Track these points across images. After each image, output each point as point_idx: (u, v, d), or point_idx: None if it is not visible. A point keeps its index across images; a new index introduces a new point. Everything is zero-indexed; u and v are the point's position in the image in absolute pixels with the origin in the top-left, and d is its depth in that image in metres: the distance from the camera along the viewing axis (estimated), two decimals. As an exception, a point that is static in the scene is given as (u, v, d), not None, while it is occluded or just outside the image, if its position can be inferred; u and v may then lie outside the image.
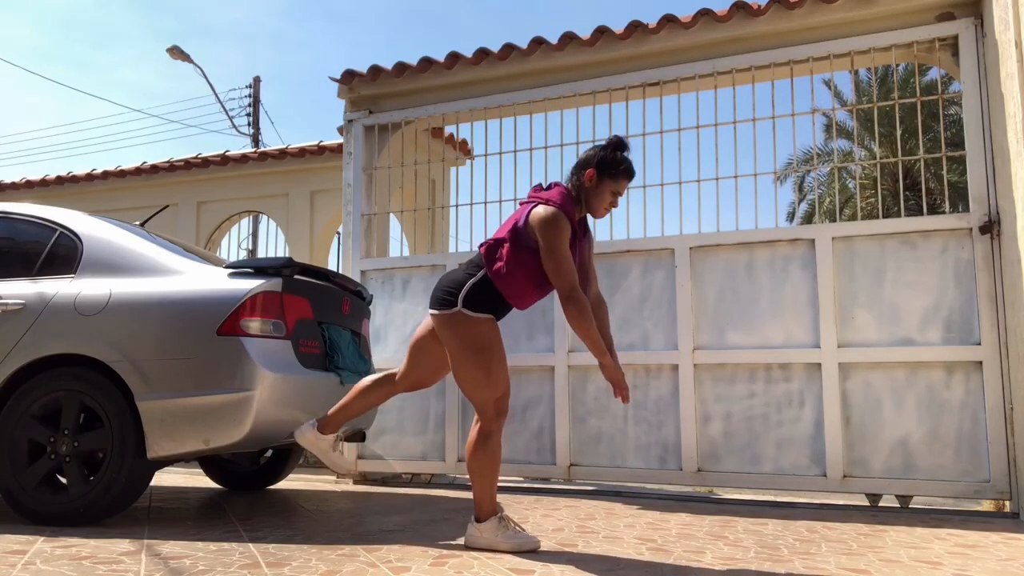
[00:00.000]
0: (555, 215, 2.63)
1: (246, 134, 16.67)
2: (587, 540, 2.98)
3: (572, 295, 2.60)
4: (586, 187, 2.74)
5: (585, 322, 2.60)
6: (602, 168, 2.72)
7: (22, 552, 2.54)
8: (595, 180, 2.73)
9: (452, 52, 5.14)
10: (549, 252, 2.62)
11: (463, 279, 2.73)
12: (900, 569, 2.53)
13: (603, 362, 2.70)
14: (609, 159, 2.73)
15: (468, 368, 2.69)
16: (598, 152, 2.76)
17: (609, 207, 2.78)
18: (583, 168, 2.76)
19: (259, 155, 7.18)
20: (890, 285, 4.14)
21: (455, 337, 2.69)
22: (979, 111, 4.04)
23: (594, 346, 2.65)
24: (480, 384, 2.68)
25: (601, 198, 2.75)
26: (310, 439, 2.94)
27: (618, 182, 2.74)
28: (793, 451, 4.21)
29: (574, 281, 2.62)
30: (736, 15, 4.54)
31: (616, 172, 2.73)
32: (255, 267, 3.38)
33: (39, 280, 3.44)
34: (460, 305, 2.67)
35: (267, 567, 2.40)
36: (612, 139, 2.79)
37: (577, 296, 2.60)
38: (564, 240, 2.62)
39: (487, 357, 2.67)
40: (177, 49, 14.94)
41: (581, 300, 2.61)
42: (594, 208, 2.77)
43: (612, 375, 2.71)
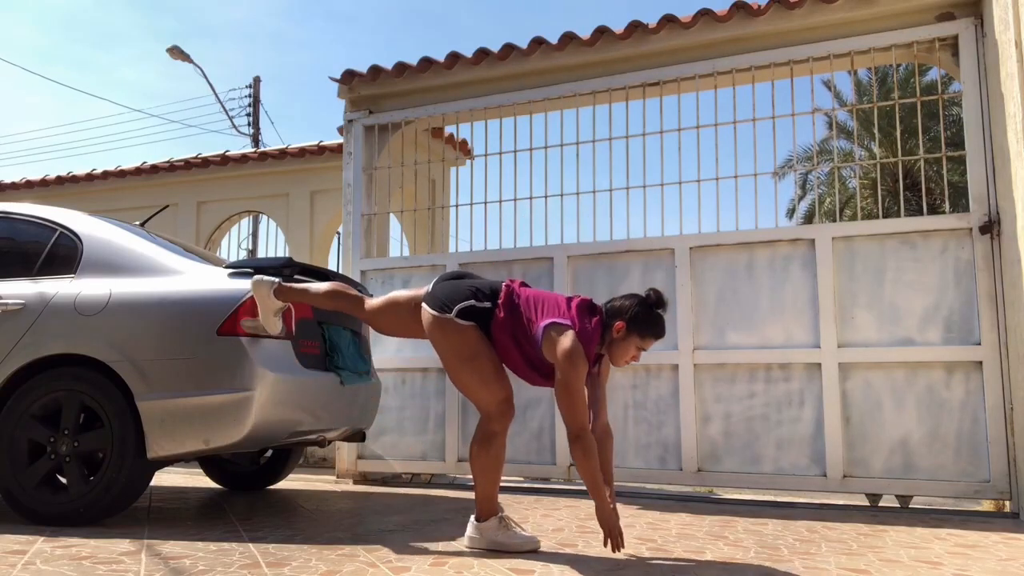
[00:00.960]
0: (575, 350, 2.52)
1: (246, 134, 16.68)
2: (587, 540, 2.98)
3: (581, 435, 2.52)
4: (613, 336, 2.66)
5: (589, 465, 2.51)
6: (633, 324, 2.64)
7: (22, 552, 2.54)
8: (623, 333, 2.64)
9: (452, 52, 5.14)
10: (564, 387, 2.53)
11: (468, 298, 2.68)
12: (900, 569, 2.53)
13: (599, 505, 2.57)
14: (643, 318, 2.64)
15: (462, 374, 2.70)
16: (634, 305, 2.66)
17: (631, 360, 2.71)
18: (614, 316, 2.66)
19: (259, 155, 7.18)
20: (890, 285, 4.13)
21: (444, 343, 2.68)
22: (979, 111, 4.04)
23: (594, 491, 2.54)
24: (477, 388, 2.69)
25: (625, 351, 2.67)
26: (262, 293, 3.06)
27: (645, 340, 2.66)
28: (793, 451, 4.21)
29: (584, 423, 2.54)
30: (736, 15, 4.54)
31: (646, 331, 2.65)
32: (255, 267, 3.37)
33: (39, 280, 3.43)
34: (453, 315, 2.66)
35: (267, 567, 2.40)
36: (651, 295, 2.69)
37: (585, 438, 2.52)
38: (580, 377, 2.54)
39: (479, 362, 2.67)
40: (177, 49, 14.94)
41: (588, 442, 2.52)
42: (615, 358, 2.70)
43: (606, 522, 2.58)
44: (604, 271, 4.71)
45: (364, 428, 4.06)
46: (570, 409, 2.53)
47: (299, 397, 3.35)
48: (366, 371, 4.01)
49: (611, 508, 2.60)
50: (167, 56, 15.22)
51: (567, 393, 2.53)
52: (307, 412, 3.41)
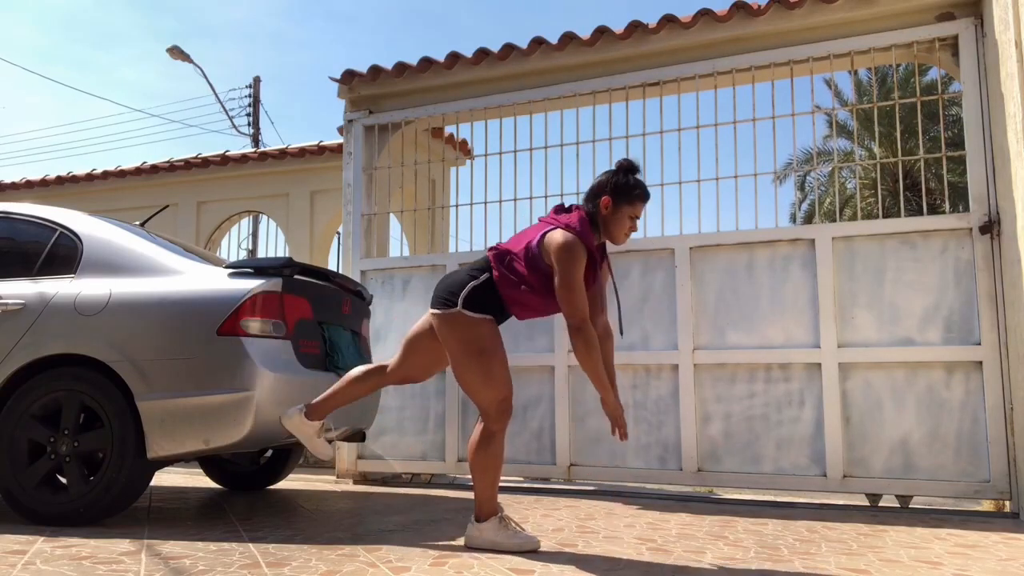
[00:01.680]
0: (572, 244, 2.58)
1: (246, 134, 16.68)
2: (587, 540, 2.98)
3: (582, 327, 2.57)
4: (603, 215, 2.70)
5: (591, 357, 2.58)
6: (617, 195, 2.68)
7: (22, 552, 2.54)
8: (611, 207, 2.69)
9: (452, 52, 5.14)
10: (562, 281, 2.58)
11: (465, 280, 2.71)
12: (900, 569, 2.53)
13: (604, 398, 2.68)
14: (623, 185, 2.69)
15: (469, 370, 2.68)
16: (610, 178, 2.71)
17: (629, 231, 2.75)
18: (597, 196, 2.71)
19: (259, 155, 7.18)
20: (890, 285, 4.13)
21: (455, 338, 2.68)
22: (979, 111, 4.04)
23: (597, 381, 2.63)
24: (482, 385, 2.68)
25: (620, 224, 2.72)
26: (295, 423, 2.94)
27: (635, 206, 2.71)
28: (793, 451, 4.21)
29: (585, 314, 2.58)
30: (736, 15, 4.54)
31: (631, 196, 2.69)
32: (255, 267, 3.38)
33: (39, 280, 3.43)
34: (460, 306, 2.66)
35: (267, 567, 2.40)
36: (622, 163, 2.74)
37: (586, 330, 2.57)
38: (579, 270, 2.58)
39: (488, 358, 2.67)
40: (177, 49, 14.94)
41: (590, 334, 2.57)
42: (614, 235, 2.73)
43: (612, 411, 2.69)
44: (604, 271, 4.70)
45: (364, 428, 4.07)
46: (569, 301, 2.58)
47: (299, 397, 3.34)
48: (366, 371, 4.00)
49: (616, 399, 2.69)
50: (167, 56, 15.22)
51: (565, 286, 2.57)
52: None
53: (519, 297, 2.70)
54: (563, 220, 2.68)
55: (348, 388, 2.92)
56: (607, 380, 2.65)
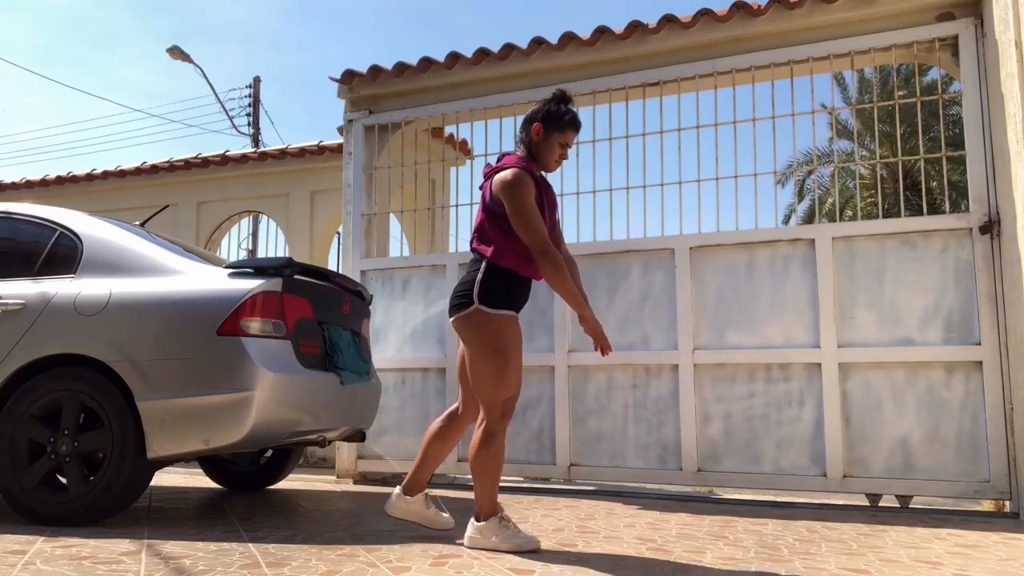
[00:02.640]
0: (516, 174, 2.68)
1: (246, 134, 16.68)
2: (587, 540, 2.98)
3: (545, 249, 2.63)
4: (535, 141, 2.78)
5: (560, 274, 2.64)
6: (548, 121, 2.77)
7: (22, 552, 2.54)
8: (542, 134, 2.77)
9: (452, 52, 5.14)
10: (516, 211, 2.65)
11: (471, 278, 2.74)
12: (900, 569, 2.53)
13: (582, 314, 2.73)
14: (554, 112, 2.77)
15: (483, 365, 2.69)
16: (543, 106, 2.80)
17: (560, 160, 2.82)
18: (529, 123, 2.80)
19: (259, 155, 7.18)
20: (890, 285, 4.13)
21: (475, 335, 2.70)
22: (979, 111, 4.04)
23: (571, 298, 2.69)
24: (493, 382, 2.68)
25: (551, 151, 2.80)
26: (402, 508, 2.93)
27: (565, 133, 2.79)
28: (793, 451, 4.21)
29: (545, 236, 2.65)
30: (736, 15, 4.54)
31: (562, 123, 2.78)
32: (255, 267, 3.38)
33: (39, 280, 3.44)
34: (477, 302, 2.68)
35: (267, 567, 2.40)
36: (555, 92, 2.82)
37: (550, 250, 2.63)
38: (529, 196, 2.66)
39: (504, 356, 2.68)
40: (177, 49, 14.94)
41: (554, 254, 2.64)
42: (545, 161, 2.81)
43: (592, 326, 2.74)
44: (604, 271, 4.71)
45: (364, 428, 4.07)
46: (527, 228, 2.64)
47: (299, 397, 3.34)
48: (366, 371, 4.01)
49: (593, 315, 2.75)
50: (167, 56, 15.22)
51: (520, 214, 2.64)
52: (307, 412, 3.41)
53: (517, 255, 2.72)
54: (499, 165, 2.77)
55: (434, 447, 2.91)
56: (580, 297, 2.71)
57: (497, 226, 2.72)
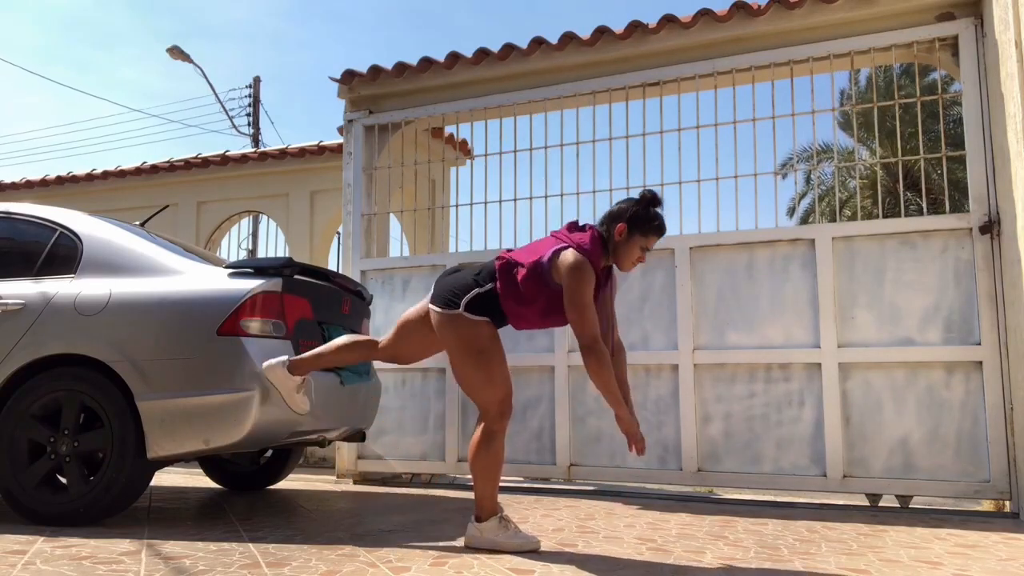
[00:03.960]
0: (581, 264, 2.57)
1: (246, 134, 16.67)
2: (587, 540, 2.98)
3: (594, 346, 2.56)
4: (616, 240, 2.69)
5: (605, 373, 2.56)
6: (633, 224, 2.67)
7: (22, 552, 2.54)
8: (625, 235, 2.68)
9: (452, 52, 5.14)
10: (572, 301, 2.57)
11: (471, 285, 2.71)
12: (900, 569, 2.53)
13: (619, 414, 2.64)
14: (642, 215, 2.67)
15: (467, 370, 2.69)
16: (631, 206, 2.70)
17: (638, 261, 2.74)
18: (615, 220, 2.70)
19: (259, 155, 7.18)
20: (890, 285, 4.13)
21: (453, 338, 2.69)
22: (979, 111, 4.04)
23: (611, 397, 2.60)
24: (481, 385, 2.69)
25: (630, 253, 2.70)
26: (277, 374, 2.95)
27: (648, 238, 2.70)
28: (793, 451, 4.21)
29: (596, 333, 2.57)
30: (736, 15, 4.54)
31: (647, 228, 2.68)
32: (255, 267, 3.38)
33: (39, 280, 3.43)
34: (462, 309, 2.67)
35: (267, 567, 2.40)
36: (646, 194, 2.72)
37: (598, 348, 2.56)
38: (589, 290, 2.58)
39: (486, 358, 2.67)
40: (177, 49, 14.93)
41: (602, 351, 2.56)
42: (622, 262, 2.73)
43: (628, 427, 2.65)
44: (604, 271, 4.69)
45: (364, 428, 4.06)
46: (580, 321, 2.57)
47: (299, 397, 3.34)
48: (366, 371, 4.01)
49: (631, 415, 2.66)
50: (167, 56, 15.21)
51: (575, 306, 2.57)
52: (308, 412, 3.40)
53: (519, 311, 2.70)
54: (576, 239, 2.66)
55: (335, 353, 2.95)
56: (620, 397, 2.62)
57: (530, 281, 2.65)
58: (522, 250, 2.78)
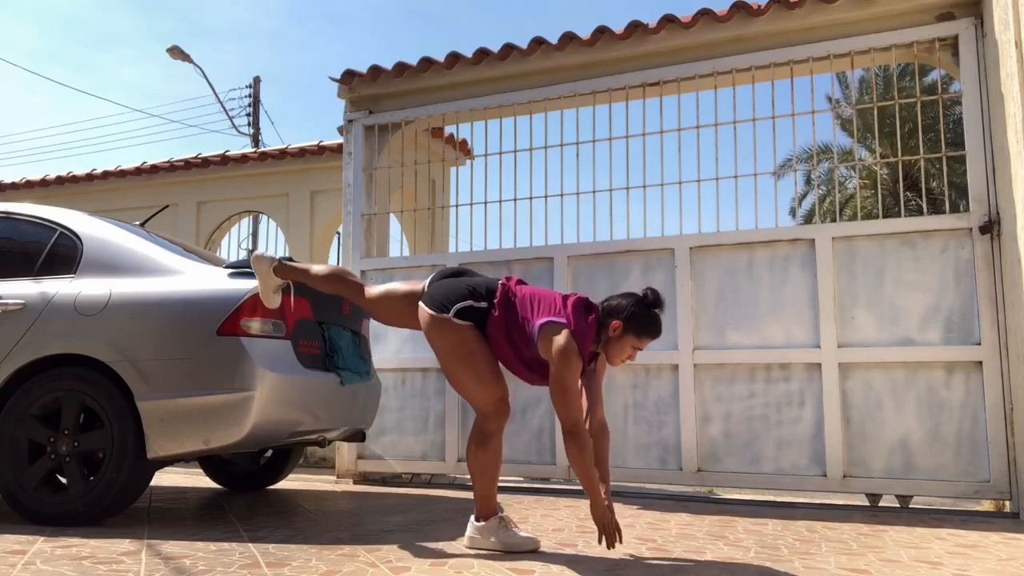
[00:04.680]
0: (569, 350, 2.52)
1: (246, 134, 16.67)
2: (587, 540, 2.98)
3: (575, 432, 2.51)
4: (609, 335, 2.63)
5: (584, 459, 2.49)
6: (629, 323, 2.61)
7: (22, 552, 2.54)
8: (619, 332, 2.62)
9: (452, 52, 5.14)
10: (557, 383, 2.53)
11: (465, 296, 2.68)
12: (900, 569, 2.53)
13: (594, 501, 2.53)
14: (640, 317, 2.62)
15: (458, 373, 2.69)
16: (631, 305, 2.64)
17: (627, 359, 2.69)
18: (611, 315, 2.64)
19: (259, 155, 7.18)
20: (890, 285, 4.13)
21: (440, 341, 2.68)
22: (979, 111, 4.04)
23: (588, 485, 2.51)
24: (472, 386, 2.68)
25: (621, 350, 2.65)
26: (263, 269, 3.05)
27: (641, 339, 2.64)
28: (793, 451, 4.21)
29: (579, 418, 2.54)
30: (736, 15, 4.54)
31: (643, 331, 2.62)
32: (255, 267, 3.37)
33: (39, 280, 3.43)
34: (451, 315, 2.66)
35: (267, 567, 2.40)
36: (648, 294, 2.67)
37: (580, 433, 2.51)
38: (575, 375, 2.54)
39: (474, 360, 2.66)
40: (177, 49, 14.93)
41: (584, 438, 2.51)
42: (611, 357, 2.68)
43: (601, 517, 2.53)
44: (604, 271, 4.71)
45: (364, 428, 4.06)
46: (564, 405, 2.53)
47: (299, 397, 3.35)
48: (366, 371, 4.01)
49: (606, 504, 2.57)
50: (167, 56, 15.22)
51: (560, 389, 2.53)
52: (307, 412, 3.41)
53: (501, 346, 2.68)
54: (572, 319, 2.60)
55: (323, 277, 3.02)
56: (598, 486, 2.53)
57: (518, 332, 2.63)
58: (527, 294, 2.70)
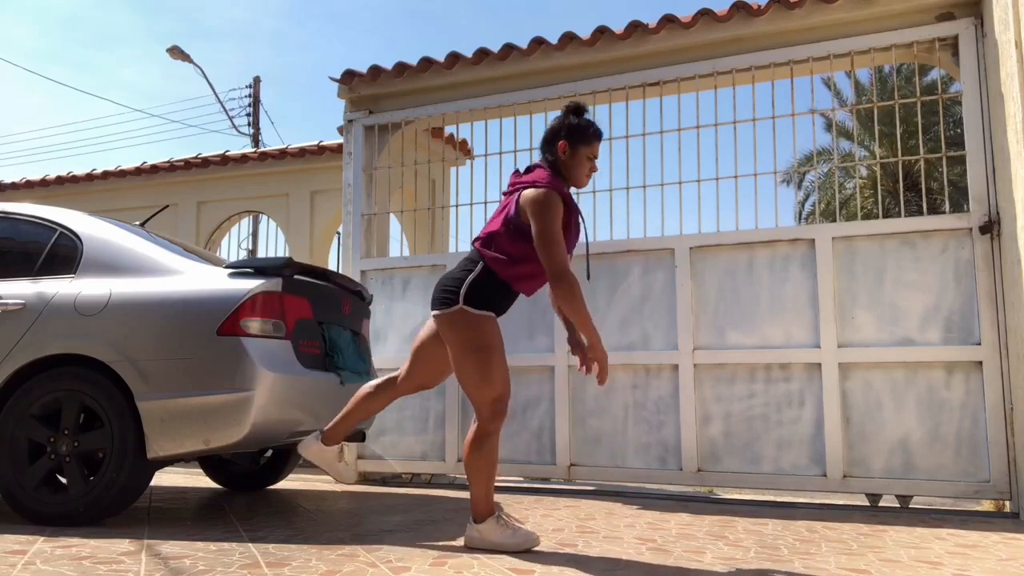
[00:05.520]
0: (548, 195, 2.60)
1: (246, 134, 16.68)
2: (587, 540, 2.98)
3: (562, 275, 2.57)
4: (562, 160, 2.72)
5: (576, 301, 2.57)
6: (573, 136, 2.72)
7: (22, 552, 2.54)
8: (569, 150, 2.72)
9: (452, 52, 5.14)
10: (540, 233, 2.59)
11: (461, 276, 2.70)
12: (900, 569, 2.53)
13: (593, 342, 2.63)
14: (576, 126, 2.72)
15: (468, 366, 2.67)
16: (563, 122, 2.73)
17: (590, 173, 2.78)
18: (552, 142, 2.74)
19: (259, 155, 7.18)
20: (890, 285, 4.14)
21: (456, 335, 2.67)
22: (979, 111, 4.04)
23: (585, 325, 2.60)
24: (479, 383, 2.66)
25: (580, 166, 2.74)
26: (315, 451, 2.94)
27: (591, 146, 2.74)
28: (793, 451, 4.22)
29: (565, 264, 2.60)
30: (736, 15, 4.54)
31: (587, 136, 2.73)
32: (255, 267, 3.38)
33: (39, 280, 3.44)
34: (462, 302, 2.65)
35: (267, 567, 2.40)
36: (570, 106, 2.77)
37: (567, 277, 2.57)
38: (557, 220, 2.60)
39: (488, 356, 2.65)
40: (177, 49, 14.93)
41: (572, 280, 2.58)
42: (576, 178, 2.76)
43: (601, 355, 2.65)
44: (604, 271, 4.71)
45: (364, 428, 4.06)
46: (548, 252, 2.58)
47: (299, 397, 3.35)
48: (366, 371, 4.01)
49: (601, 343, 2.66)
50: (167, 56, 15.23)
51: (543, 238, 2.58)
52: (307, 412, 3.41)
53: (519, 272, 2.70)
54: (529, 179, 2.70)
55: (361, 405, 2.92)
56: (593, 324, 2.63)
57: (512, 240, 2.67)
58: (489, 222, 2.79)
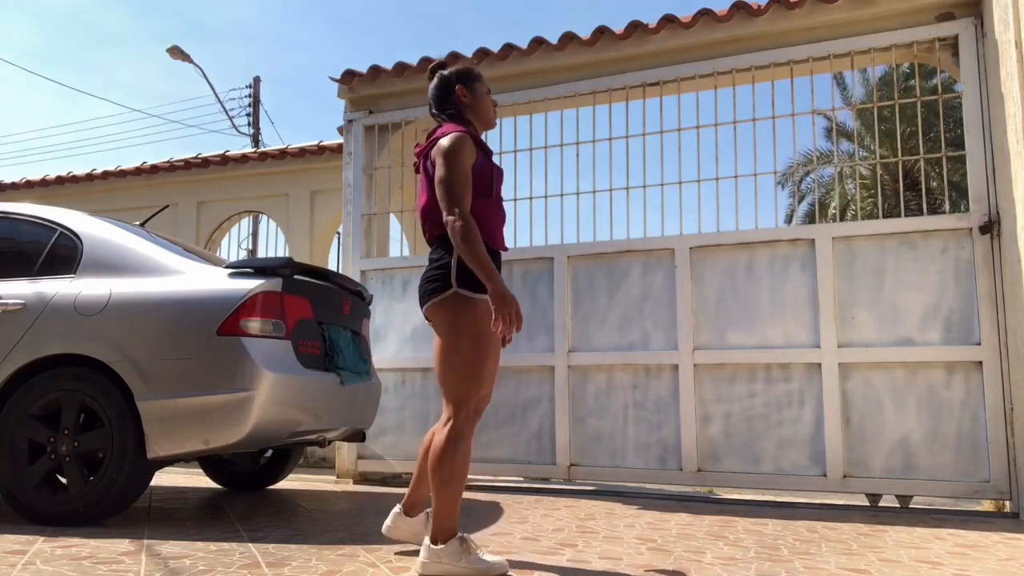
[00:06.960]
0: (459, 138, 2.46)
1: (246, 134, 16.66)
2: (587, 540, 2.98)
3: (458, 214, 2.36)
4: (467, 103, 2.66)
5: (473, 244, 2.33)
6: (466, 79, 2.67)
7: (22, 552, 2.54)
8: (468, 92, 2.66)
9: (452, 52, 5.14)
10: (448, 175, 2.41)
11: (444, 262, 2.48)
12: (900, 569, 2.53)
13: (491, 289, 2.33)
14: (460, 71, 2.68)
15: (461, 356, 2.41)
16: (448, 76, 2.67)
17: (494, 106, 2.74)
18: (448, 96, 2.66)
19: (259, 155, 7.18)
20: (890, 285, 4.14)
21: (453, 320, 2.42)
22: (979, 111, 4.04)
23: (484, 268, 2.33)
24: (469, 376, 2.41)
25: (484, 102, 2.69)
26: (404, 530, 2.71)
27: (482, 80, 2.73)
28: (793, 451, 4.22)
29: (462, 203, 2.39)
30: (736, 15, 4.54)
31: (475, 73, 2.71)
32: (255, 267, 3.38)
33: (39, 280, 3.44)
34: (456, 285, 2.44)
35: (267, 567, 2.40)
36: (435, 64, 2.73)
37: (463, 216, 2.36)
38: (467, 162, 2.44)
39: (479, 345, 2.43)
40: (177, 49, 14.92)
41: (467, 220, 2.36)
42: (486, 116, 2.69)
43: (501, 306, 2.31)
44: (604, 271, 4.71)
45: (364, 428, 4.06)
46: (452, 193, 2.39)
47: (299, 397, 3.34)
48: (366, 371, 4.01)
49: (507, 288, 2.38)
50: (167, 57, 15.20)
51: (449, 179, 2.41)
52: (307, 412, 3.41)
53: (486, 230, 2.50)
54: (438, 133, 2.57)
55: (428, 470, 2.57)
56: (493, 266, 2.35)
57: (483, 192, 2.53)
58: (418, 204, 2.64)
